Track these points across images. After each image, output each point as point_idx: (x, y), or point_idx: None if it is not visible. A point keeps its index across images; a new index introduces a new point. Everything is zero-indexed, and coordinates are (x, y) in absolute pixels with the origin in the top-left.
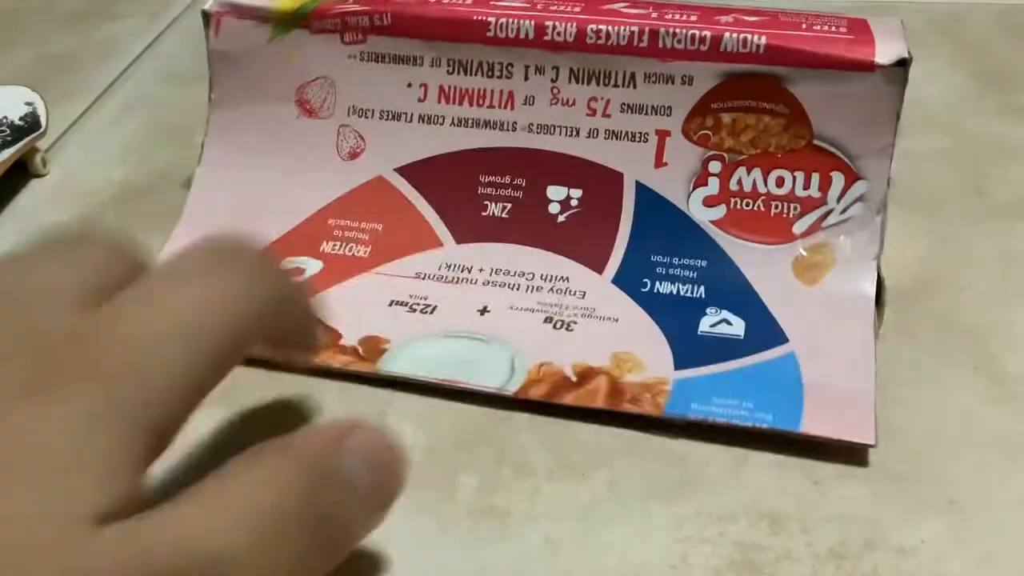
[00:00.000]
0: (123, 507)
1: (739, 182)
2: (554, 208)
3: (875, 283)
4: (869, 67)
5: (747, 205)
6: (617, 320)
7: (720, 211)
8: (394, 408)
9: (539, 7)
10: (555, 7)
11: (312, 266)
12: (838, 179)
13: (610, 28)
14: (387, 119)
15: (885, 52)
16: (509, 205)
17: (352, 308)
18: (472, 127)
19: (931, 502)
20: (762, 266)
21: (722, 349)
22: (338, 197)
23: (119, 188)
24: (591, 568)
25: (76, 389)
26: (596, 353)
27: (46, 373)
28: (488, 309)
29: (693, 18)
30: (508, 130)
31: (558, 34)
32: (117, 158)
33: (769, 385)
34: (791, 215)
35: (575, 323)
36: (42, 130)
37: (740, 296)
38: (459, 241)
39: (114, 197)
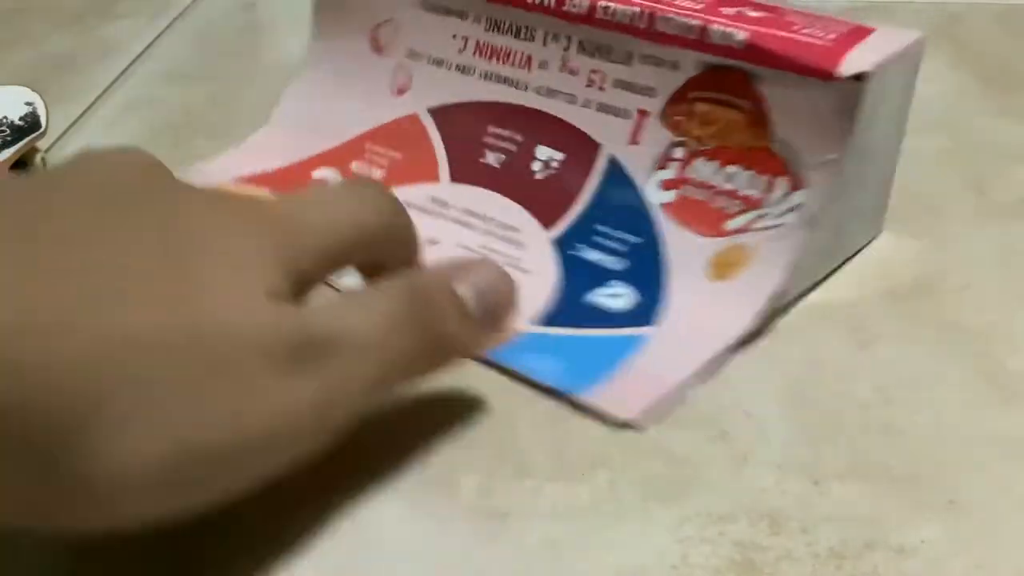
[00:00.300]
0: (287, 298)
1: (696, 171)
2: (536, 166)
3: (773, 297)
4: (827, 76)
5: (695, 195)
6: (529, 273)
7: (671, 195)
8: (395, 407)
9: None
10: None
11: (330, 173)
12: (781, 185)
13: (617, 7)
14: (431, 64)
15: (852, 63)
16: (504, 157)
17: None
18: (494, 81)
19: (931, 502)
20: (685, 255)
21: (592, 317)
22: (379, 126)
23: None
24: (591, 568)
25: (257, 228)
26: None
27: (237, 216)
28: (437, 241)
29: (699, 7)
30: (521, 89)
31: (574, 6)
32: None
33: (593, 356)
34: (730, 211)
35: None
36: (42, 130)
37: (650, 277)
38: (453, 180)
39: None
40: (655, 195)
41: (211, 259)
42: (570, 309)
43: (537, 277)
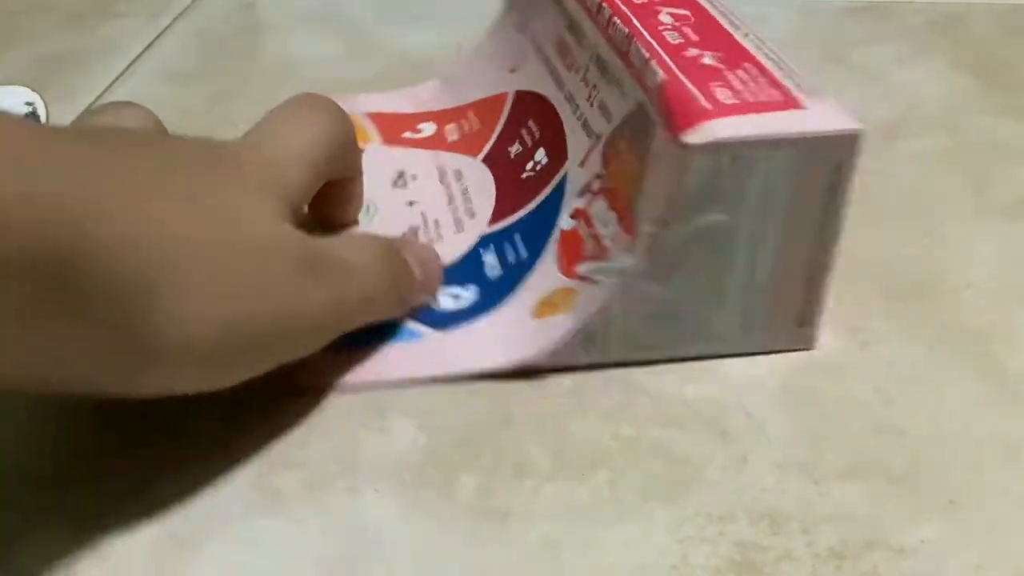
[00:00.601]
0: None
1: (594, 207)
2: (528, 166)
3: (545, 353)
4: (674, 137)
5: (581, 230)
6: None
7: (570, 224)
8: (395, 408)
9: None
10: None
11: (428, 129)
12: (620, 240)
13: (619, 24)
14: (535, 48)
15: (705, 132)
16: (520, 150)
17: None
18: (551, 77)
19: (931, 502)
20: (535, 285)
21: (436, 312)
22: (484, 97)
23: None
24: (591, 568)
25: (246, 172)
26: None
27: (225, 168)
28: (405, 182)
29: (675, 41)
30: (560, 90)
31: (603, 17)
32: None
33: (366, 334)
34: (587, 255)
35: (433, 240)
36: None
37: (497, 294)
38: (483, 160)
39: None
40: (564, 220)
41: (236, 189)
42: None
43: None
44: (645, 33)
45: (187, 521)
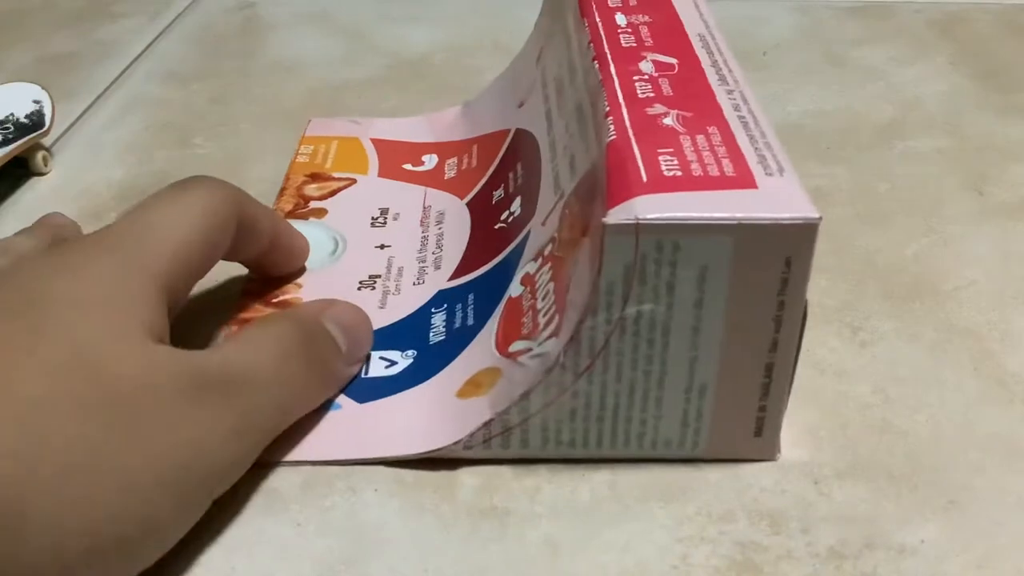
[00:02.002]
0: (165, 337)
1: (540, 275)
2: (503, 216)
3: (460, 443)
4: (600, 216)
5: (525, 300)
6: (384, 309)
7: (518, 291)
8: None
9: (624, 27)
10: (627, 32)
11: (430, 162)
12: (551, 324)
13: (596, 68)
14: (540, 83)
15: (631, 210)
16: (501, 195)
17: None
18: (545, 119)
19: (931, 502)
20: (473, 357)
21: (373, 384)
22: (491, 132)
23: (119, 188)
24: (591, 568)
25: (113, 272)
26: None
27: (74, 251)
28: (384, 221)
29: (644, 95)
30: (548, 132)
31: (587, 58)
32: (117, 158)
33: None
34: (521, 332)
35: (389, 291)
36: (44, 129)
37: (432, 364)
38: (467, 204)
39: (114, 197)
40: (514, 286)
41: (80, 315)
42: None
43: (383, 315)
44: (616, 81)
45: None
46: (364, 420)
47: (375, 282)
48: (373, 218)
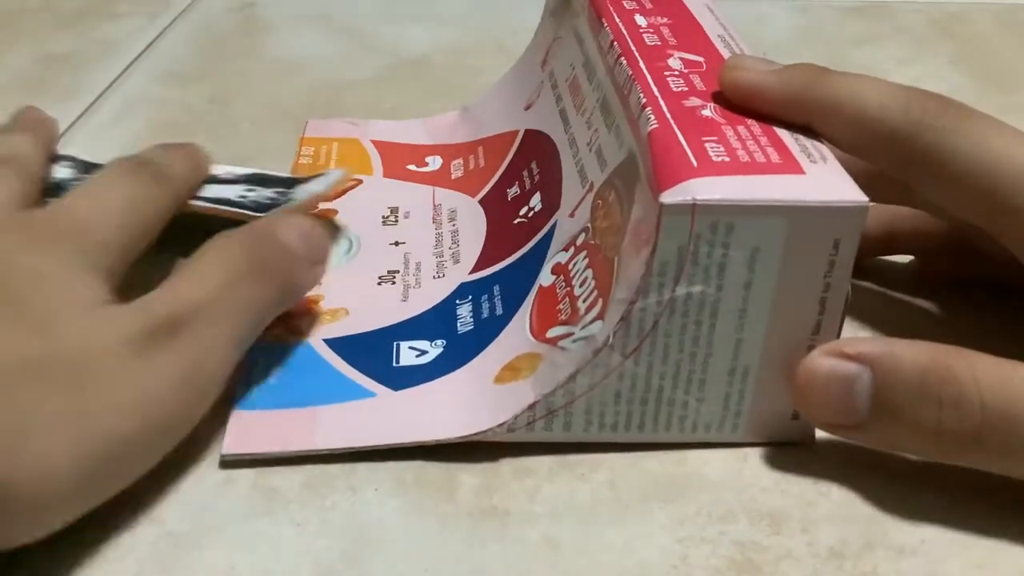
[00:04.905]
0: (111, 294)
1: (575, 264)
2: (523, 211)
3: (501, 427)
4: (653, 194)
5: (560, 288)
6: (407, 301)
7: (549, 280)
8: None
9: (646, 27)
10: (649, 32)
11: (434, 163)
12: (594, 309)
13: (624, 64)
14: (550, 86)
15: (686, 191)
16: (517, 192)
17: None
18: (560, 117)
19: (931, 502)
20: (507, 344)
21: (370, 364)
22: (497, 134)
23: None
24: (591, 568)
25: (55, 248)
26: (355, 293)
27: (31, 238)
28: (396, 219)
29: (679, 88)
30: (565, 130)
31: (611, 56)
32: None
33: (312, 391)
34: (560, 318)
35: (410, 285)
36: None
37: (464, 354)
38: (480, 201)
39: None
40: (544, 275)
41: (30, 290)
42: (368, 343)
43: (406, 307)
44: (648, 76)
45: (187, 521)
46: (400, 406)
47: (394, 277)
48: (384, 217)
